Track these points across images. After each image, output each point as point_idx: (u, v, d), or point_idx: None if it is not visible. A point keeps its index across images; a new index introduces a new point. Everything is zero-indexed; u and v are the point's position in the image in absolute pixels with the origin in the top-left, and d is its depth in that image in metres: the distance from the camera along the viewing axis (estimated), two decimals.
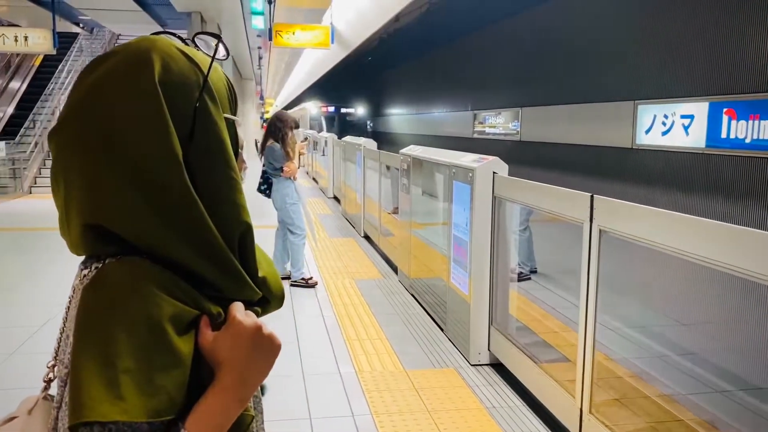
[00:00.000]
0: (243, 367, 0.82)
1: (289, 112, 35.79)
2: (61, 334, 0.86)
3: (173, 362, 0.76)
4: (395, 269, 6.82)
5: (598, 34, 10.29)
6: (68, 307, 0.83)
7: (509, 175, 4.11)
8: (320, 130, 26.05)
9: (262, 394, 0.99)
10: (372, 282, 6.40)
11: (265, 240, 6.88)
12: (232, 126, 0.92)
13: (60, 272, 6.24)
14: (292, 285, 6.07)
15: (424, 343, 4.65)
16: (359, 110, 32.63)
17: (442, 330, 4.90)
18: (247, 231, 0.88)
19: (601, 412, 2.91)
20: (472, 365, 4.22)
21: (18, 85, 18.86)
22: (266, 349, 0.84)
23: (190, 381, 0.79)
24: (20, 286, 6.01)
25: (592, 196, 2.86)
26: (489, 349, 4.23)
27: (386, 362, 4.25)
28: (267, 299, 0.93)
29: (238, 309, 0.84)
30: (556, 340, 4.58)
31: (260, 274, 0.91)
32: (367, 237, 8.87)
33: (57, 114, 15.66)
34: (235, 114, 0.94)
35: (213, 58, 0.88)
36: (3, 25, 13.12)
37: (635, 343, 4.87)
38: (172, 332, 0.76)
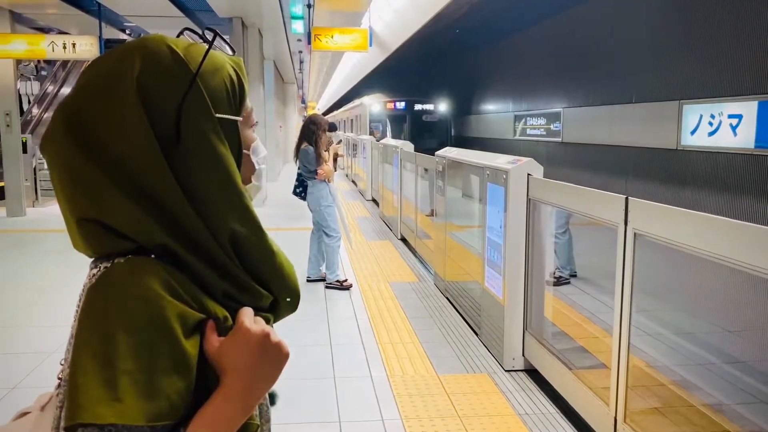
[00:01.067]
0: (249, 375, 0.80)
1: (339, 111, 26.30)
2: (71, 334, 0.86)
3: (175, 365, 0.74)
4: (431, 272, 6.76)
5: (642, 33, 10.04)
6: (78, 307, 0.82)
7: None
8: (383, 136, 19.59)
9: (273, 402, 0.97)
10: (407, 285, 6.36)
11: (300, 242, 6.92)
12: (233, 126, 0.88)
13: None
14: (327, 287, 6.07)
15: (457, 347, 4.59)
16: (441, 106, 21.39)
17: (476, 334, 4.83)
18: (236, 236, 0.85)
19: (637, 421, 2.81)
20: (505, 371, 4.14)
21: (69, 91, 19.50)
22: (274, 357, 0.82)
23: (194, 386, 0.77)
24: (65, 285, 6.18)
25: (626, 199, 2.77)
26: (523, 355, 4.15)
27: (418, 366, 4.20)
28: (278, 304, 0.91)
29: (246, 315, 0.83)
30: (594, 346, 4.46)
31: (275, 275, 0.89)
32: (403, 239, 8.84)
33: None
34: (238, 113, 0.90)
35: (204, 56, 0.85)
36: (53, 33, 13.56)
37: (675, 348, 4.71)
38: (175, 334, 0.75)
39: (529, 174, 4.02)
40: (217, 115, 0.85)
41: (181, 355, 0.75)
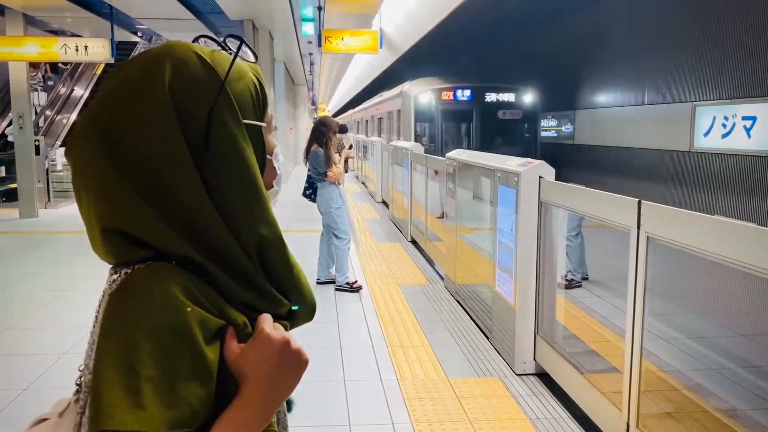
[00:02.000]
0: (269, 382, 0.80)
1: (360, 108, 24.38)
2: (90, 339, 0.85)
3: (197, 372, 0.74)
4: (441, 275, 6.74)
5: (654, 35, 9.97)
6: (97, 312, 0.82)
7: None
8: (431, 141, 13.69)
9: (289, 409, 0.97)
10: (417, 288, 6.34)
11: (310, 244, 6.92)
12: (257, 132, 0.90)
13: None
14: (337, 289, 6.07)
15: (468, 351, 4.57)
16: (527, 97, 13.59)
17: (487, 338, 4.80)
18: (264, 244, 0.85)
19: (650, 426, 2.78)
20: (516, 375, 4.11)
21: (82, 92, 19.62)
22: (293, 364, 0.82)
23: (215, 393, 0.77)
24: (79, 287, 6.21)
25: (639, 202, 2.75)
26: (534, 359, 4.12)
27: (429, 370, 4.19)
28: (295, 311, 0.91)
29: (266, 321, 0.83)
30: (606, 350, 4.42)
31: (294, 286, 0.90)
32: (414, 242, 8.82)
33: None
34: (262, 119, 0.91)
35: (231, 63, 0.86)
36: (66, 36, 13.67)
37: (689, 353, 4.67)
38: (196, 341, 0.75)
39: (540, 177, 4.00)
40: (244, 121, 0.86)
41: (203, 362, 0.75)
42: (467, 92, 13.57)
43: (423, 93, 13.52)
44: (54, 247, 8.64)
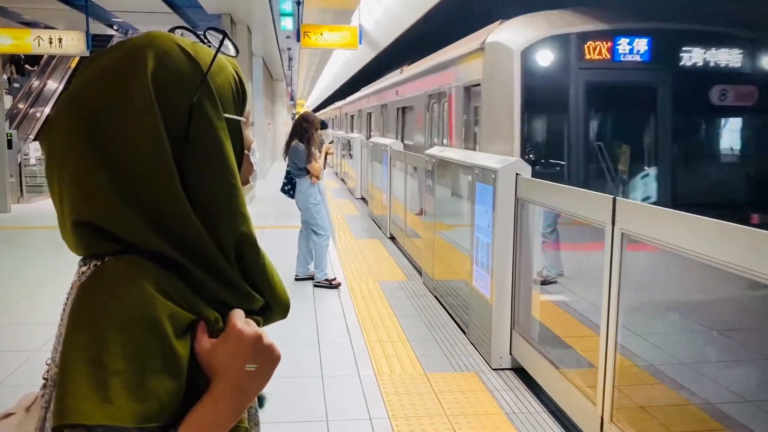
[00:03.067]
0: (240, 377, 0.79)
1: (361, 94, 17.25)
2: (58, 333, 0.84)
3: (166, 366, 0.74)
4: (420, 271, 6.77)
5: None
6: (65, 305, 0.81)
7: None
8: (552, 158, 5.63)
9: (261, 405, 0.97)
10: (396, 284, 6.36)
11: (289, 240, 6.90)
12: (236, 127, 0.89)
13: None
14: (315, 286, 6.06)
15: (445, 346, 4.60)
16: None
17: (464, 333, 4.84)
18: (243, 240, 0.85)
19: (624, 420, 2.83)
20: (493, 369, 4.15)
21: (56, 86, 19.32)
22: (265, 359, 0.82)
23: (185, 388, 0.77)
24: (53, 283, 6.12)
25: (614, 199, 2.79)
26: (510, 354, 4.16)
27: (406, 365, 4.21)
28: (269, 308, 0.90)
29: (238, 317, 0.82)
30: (582, 345, 4.48)
31: (267, 284, 0.89)
32: (392, 238, 8.84)
33: None
34: (241, 114, 0.90)
35: (214, 56, 0.85)
36: (40, 28, 13.44)
37: (661, 348, 4.74)
38: (167, 335, 0.74)
39: (517, 174, 4.03)
40: (225, 115, 0.85)
41: (173, 356, 0.75)
42: (641, 43, 5.47)
43: (544, 44, 5.50)
44: (27, 242, 8.51)
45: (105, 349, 0.70)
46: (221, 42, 0.87)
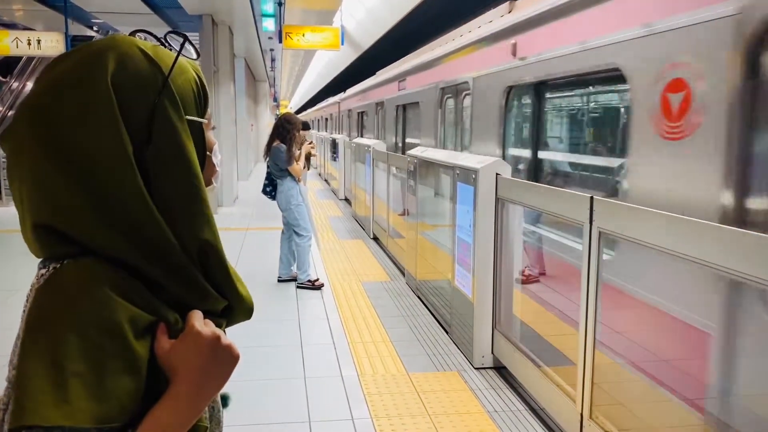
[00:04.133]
0: (199, 377, 0.80)
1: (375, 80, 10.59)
2: (18, 335, 0.84)
3: (126, 367, 0.74)
4: (403, 271, 6.78)
5: None
6: (25, 308, 0.81)
7: None
8: None
9: (225, 405, 0.97)
10: (379, 284, 6.37)
11: (271, 242, 6.89)
12: (198, 129, 0.90)
13: None
14: (298, 287, 6.05)
15: (428, 345, 4.62)
16: None
17: (447, 332, 4.86)
18: (205, 247, 0.85)
19: (603, 417, 2.86)
20: (475, 368, 4.18)
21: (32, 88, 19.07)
22: (224, 359, 0.83)
23: (144, 388, 0.77)
24: (20, 289, 6.04)
25: (591, 198, 2.82)
26: (492, 352, 4.19)
27: (389, 365, 4.22)
28: (232, 309, 0.91)
29: (196, 318, 0.83)
30: (563, 343, 4.51)
31: (230, 286, 0.89)
32: (375, 239, 8.85)
33: None
34: (203, 116, 0.91)
35: (176, 59, 0.86)
36: (18, 29, 13.28)
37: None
38: (125, 336, 0.74)
39: (497, 174, 4.06)
40: (186, 117, 0.86)
41: (132, 357, 0.75)
42: None
43: None
44: (6, 246, 8.40)
45: (63, 351, 0.71)
46: (182, 44, 0.88)
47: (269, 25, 12.37)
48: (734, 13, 2.14)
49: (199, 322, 0.82)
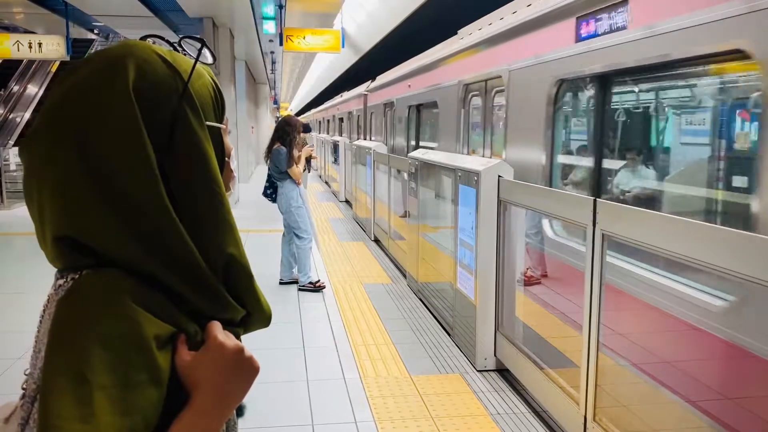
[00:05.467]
0: (221, 390, 0.79)
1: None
2: (35, 345, 0.82)
3: (149, 380, 0.73)
4: (404, 273, 6.78)
5: None
6: (42, 318, 0.80)
7: None
8: None
9: (240, 414, 0.97)
10: (380, 286, 6.36)
11: (272, 244, 6.87)
12: (217, 134, 0.89)
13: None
14: (300, 289, 6.04)
15: (430, 348, 4.61)
16: None
17: (449, 335, 4.85)
18: (230, 259, 0.84)
19: (606, 419, 2.85)
20: (478, 371, 4.17)
21: (36, 90, 19.11)
22: (245, 372, 0.82)
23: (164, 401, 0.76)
24: (31, 291, 6.05)
25: (594, 200, 2.81)
26: (495, 355, 4.18)
27: (391, 368, 4.21)
28: (249, 317, 0.90)
29: (218, 329, 0.82)
30: (565, 345, 4.51)
31: (252, 297, 0.88)
32: (377, 241, 8.85)
33: None
34: (221, 121, 0.90)
35: (194, 63, 0.85)
36: (19, 32, 13.29)
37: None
38: (149, 348, 0.74)
39: (500, 176, 4.06)
40: (207, 123, 0.85)
41: (156, 369, 0.74)
42: None
43: None
44: (7, 249, 8.40)
45: (87, 364, 0.70)
46: (200, 50, 0.87)
47: (270, 27, 12.39)
48: None
49: (221, 333, 0.81)
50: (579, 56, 3.44)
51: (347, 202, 13.30)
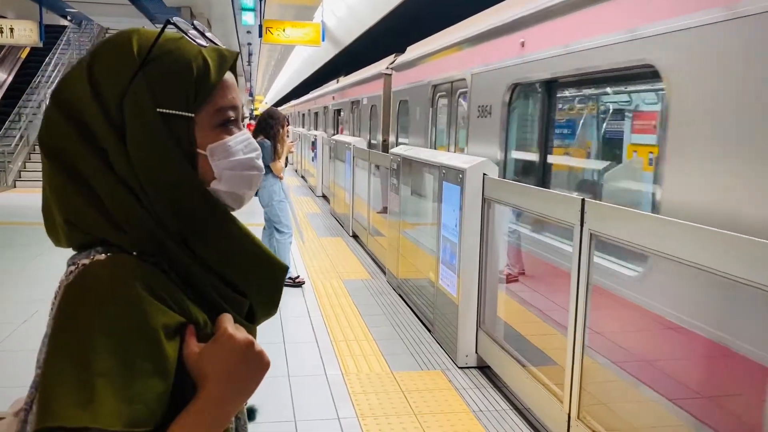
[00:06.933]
0: (230, 383, 0.77)
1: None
2: (45, 333, 0.81)
3: (155, 369, 0.71)
4: (383, 269, 6.77)
5: None
6: (53, 305, 0.79)
7: None
8: None
9: (252, 418, 0.95)
10: (360, 282, 6.35)
11: None
12: (181, 122, 0.80)
13: (42, 267, 6.15)
14: None
15: (411, 344, 4.61)
16: None
17: (429, 331, 4.86)
18: (183, 235, 0.82)
19: (590, 417, 2.88)
20: (459, 367, 4.19)
21: (4, 78, 18.64)
22: (255, 366, 0.80)
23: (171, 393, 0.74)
24: (1, 282, 5.91)
25: (583, 200, 2.83)
26: (476, 352, 4.20)
27: (373, 364, 4.20)
28: (254, 313, 0.89)
29: (228, 321, 0.80)
30: (545, 343, 4.55)
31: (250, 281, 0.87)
32: (355, 236, 8.83)
33: (43, 107, 15.51)
34: (192, 111, 0.81)
35: (152, 44, 0.80)
36: None
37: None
38: (157, 336, 0.72)
39: (484, 174, 4.07)
40: (161, 110, 0.79)
41: (162, 359, 0.72)
42: None
43: None
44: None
45: (91, 351, 0.68)
46: (160, 32, 0.82)
47: (249, 18, 12.28)
48: None
49: (231, 325, 0.80)
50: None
51: (324, 197, 13.25)
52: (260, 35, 11.58)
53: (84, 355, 0.68)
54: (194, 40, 0.84)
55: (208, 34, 0.88)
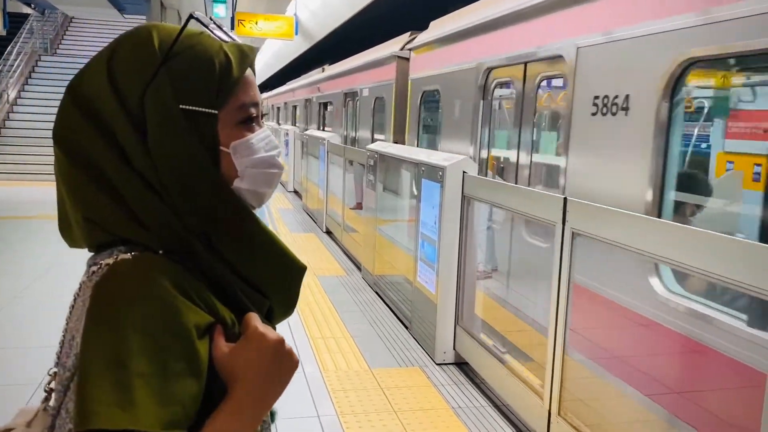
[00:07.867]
0: (261, 384, 0.76)
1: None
2: (63, 336, 0.79)
3: (190, 369, 0.70)
4: (358, 266, 6.76)
5: None
6: (72, 306, 0.77)
7: None
8: None
9: (273, 420, 0.93)
10: (335, 279, 6.33)
11: None
12: (204, 119, 0.79)
13: (11, 262, 5.99)
14: None
15: (388, 341, 4.61)
16: None
17: (407, 328, 4.87)
18: (206, 234, 0.80)
19: (571, 414, 2.92)
20: (437, 364, 4.20)
21: None
22: (286, 365, 0.79)
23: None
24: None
25: (565, 199, 2.86)
26: (454, 348, 4.22)
27: (351, 361, 4.19)
28: (272, 311, 0.87)
29: (257, 320, 0.79)
30: (521, 340, 4.59)
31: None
32: (329, 232, 8.79)
33: (5, 98, 15.08)
34: (217, 107, 0.80)
35: (174, 40, 0.79)
36: None
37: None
38: (190, 336, 0.70)
39: (464, 171, 4.08)
40: (184, 106, 0.77)
41: (196, 359, 0.71)
42: None
43: None
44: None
45: (127, 351, 0.66)
46: (182, 28, 0.81)
47: (220, 11, 12.11)
48: None
49: (260, 324, 0.78)
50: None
51: (296, 192, 13.16)
52: (232, 28, 11.42)
53: (120, 356, 0.66)
54: (216, 35, 0.82)
55: (225, 29, 0.86)
